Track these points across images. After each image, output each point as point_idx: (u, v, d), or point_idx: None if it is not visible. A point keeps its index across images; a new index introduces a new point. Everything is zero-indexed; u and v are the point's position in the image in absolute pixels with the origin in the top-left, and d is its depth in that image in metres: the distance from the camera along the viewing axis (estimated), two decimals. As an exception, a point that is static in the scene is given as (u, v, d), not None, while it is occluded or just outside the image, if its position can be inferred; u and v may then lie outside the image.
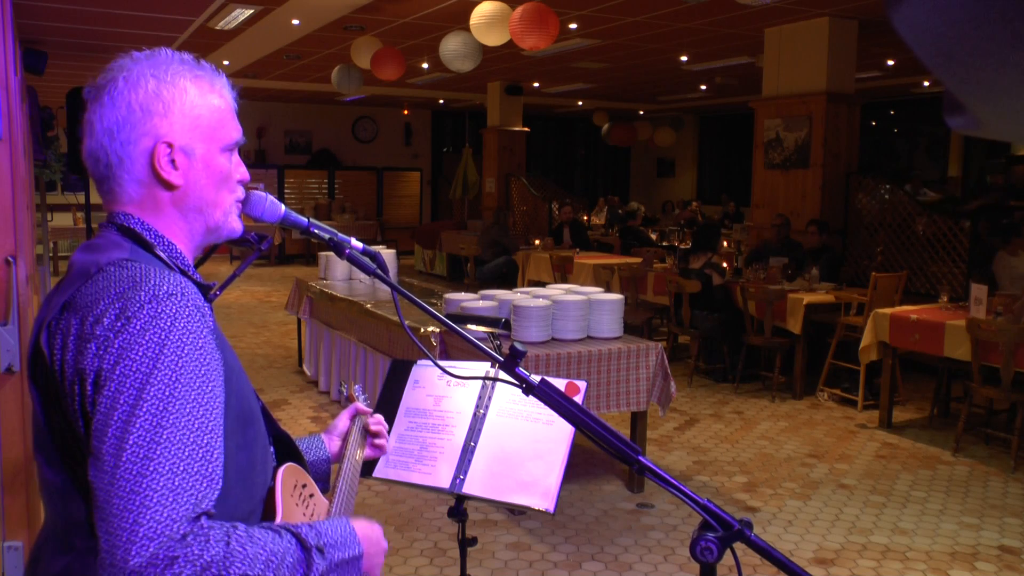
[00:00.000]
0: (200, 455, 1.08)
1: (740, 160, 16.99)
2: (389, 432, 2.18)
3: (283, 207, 1.43)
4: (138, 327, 1.09)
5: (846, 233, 8.22)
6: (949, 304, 5.94)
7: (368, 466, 2.11)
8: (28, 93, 5.90)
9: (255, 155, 16.62)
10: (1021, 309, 5.04)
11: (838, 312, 6.44)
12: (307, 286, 6.70)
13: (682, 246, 11.28)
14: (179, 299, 1.13)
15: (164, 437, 1.06)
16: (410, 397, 2.18)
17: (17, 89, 3.32)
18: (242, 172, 1.33)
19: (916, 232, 7.70)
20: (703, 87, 13.84)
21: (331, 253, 1.68)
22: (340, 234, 1.46)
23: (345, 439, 1.66)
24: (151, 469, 1.04)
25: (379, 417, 1.74)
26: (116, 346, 1.09)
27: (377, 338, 5.39)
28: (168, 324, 1.11)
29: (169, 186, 1.25)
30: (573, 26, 8.71)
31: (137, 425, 1.05)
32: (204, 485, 1.07)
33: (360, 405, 1.73)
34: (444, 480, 2.03)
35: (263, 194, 1.40)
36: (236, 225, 1.34)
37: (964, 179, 13.90)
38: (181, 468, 1.06)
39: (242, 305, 10.65)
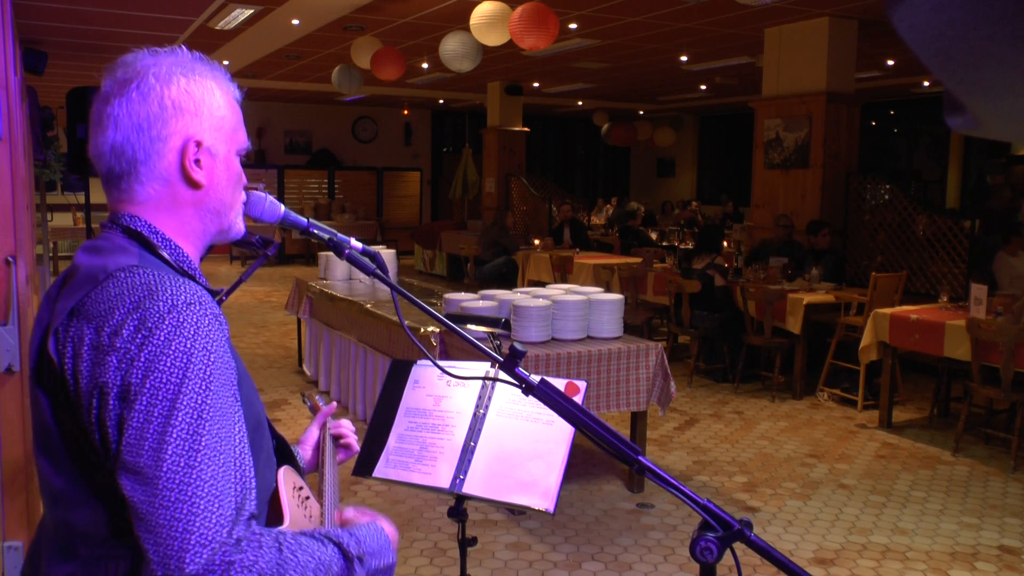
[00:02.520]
0: (235, 460, 1.10)
1: (740, 160, 16.98)
2: (390, 431, 2.18)
3: (282, 207, 1.44)
4: (162, 338, 1.09)
5: (846, 233, 8.22)
6: (949, 304, 5.93)
7: (368, 466, 2.11)
8: (28, 93, 5.90)
9: (255, 155, 16.61)
10: (1021, 309, 5.04)
11: (838, 312, 6.44)
12: (307, 286, 6.69)
13: (682, 246, 11.28)
14: (198, 308, 1.13)
15: (203, 444, 1.07)
16: (410, 397, 2.18)
17: (17, 89, 3.32)
18: (243, 177, 1.36)
19: (916, 232, 7.70)
20: (703, 87, 13.84)
21: (331, 253, 1.68)
22: (340, 234, 1.46)
23: (318, 448, 1.66)
24: (194, 477, 1.05)
25: (340, 422, 1.73)
26: (142, 359, 1.08)
27: (377, 338, 5.39)
28: (192, 333, 1.11)
29: (195, 185, 1.25)
30: (573, 26, 8.71)
31: (174, 435, 1.06)
32: (243, 487, 1.09)
33: (326, 410, 1.72)
34: (444, 480, 2.02)
35: (263, 194, 1.40)
36: (242, 227, 1.36)
37: (964, 179, 13.88)
38: (221, 474, 1.07)
39: (242, 305, 10.66)
